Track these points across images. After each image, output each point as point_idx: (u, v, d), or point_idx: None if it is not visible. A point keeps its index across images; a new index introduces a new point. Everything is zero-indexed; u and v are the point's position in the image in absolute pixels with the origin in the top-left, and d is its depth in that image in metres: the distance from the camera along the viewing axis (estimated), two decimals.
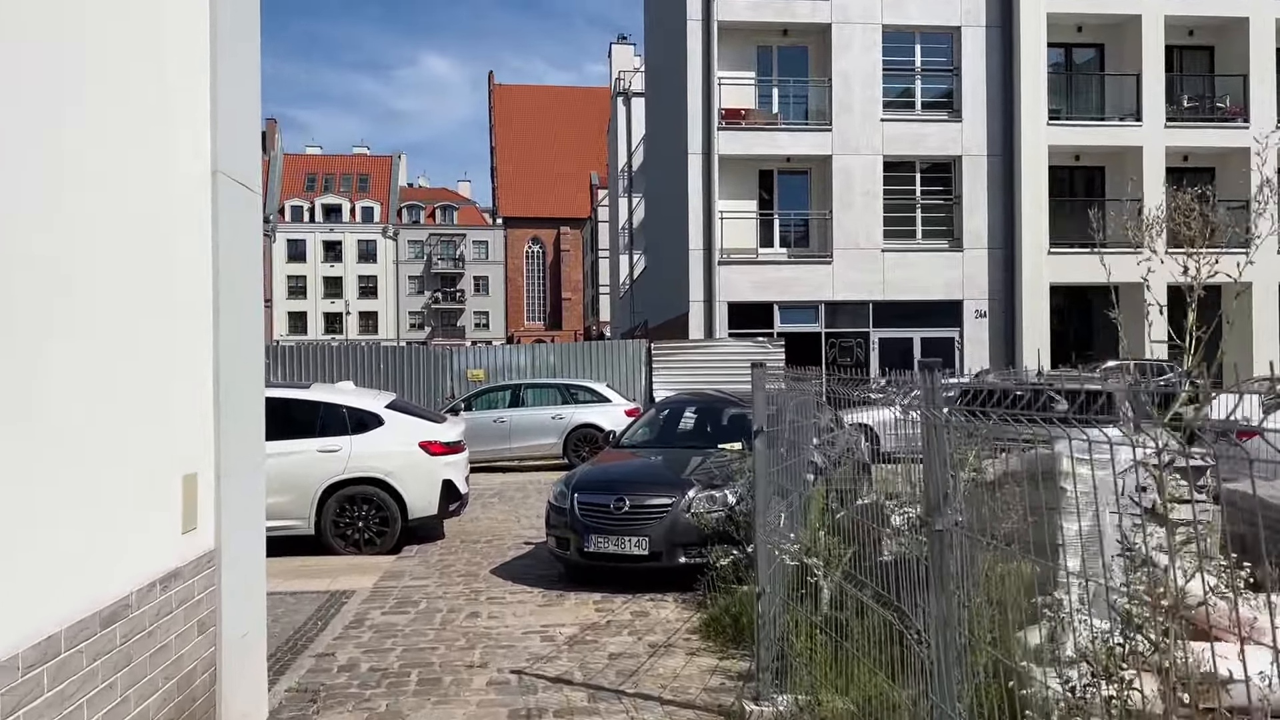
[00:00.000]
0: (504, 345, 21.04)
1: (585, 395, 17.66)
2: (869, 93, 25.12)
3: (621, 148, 53.77)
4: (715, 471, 8.01)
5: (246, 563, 5.04)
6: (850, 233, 25.09)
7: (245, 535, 5.02)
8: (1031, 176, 25.04)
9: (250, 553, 5.15)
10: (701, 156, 24.87)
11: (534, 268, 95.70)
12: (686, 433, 9.55)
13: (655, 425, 9.71)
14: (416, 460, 10.38)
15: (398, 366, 20.53)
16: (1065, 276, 25.23)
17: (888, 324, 25.32)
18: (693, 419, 9.73)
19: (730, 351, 21.53)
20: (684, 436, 9.43)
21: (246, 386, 5.08)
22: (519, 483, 15.50)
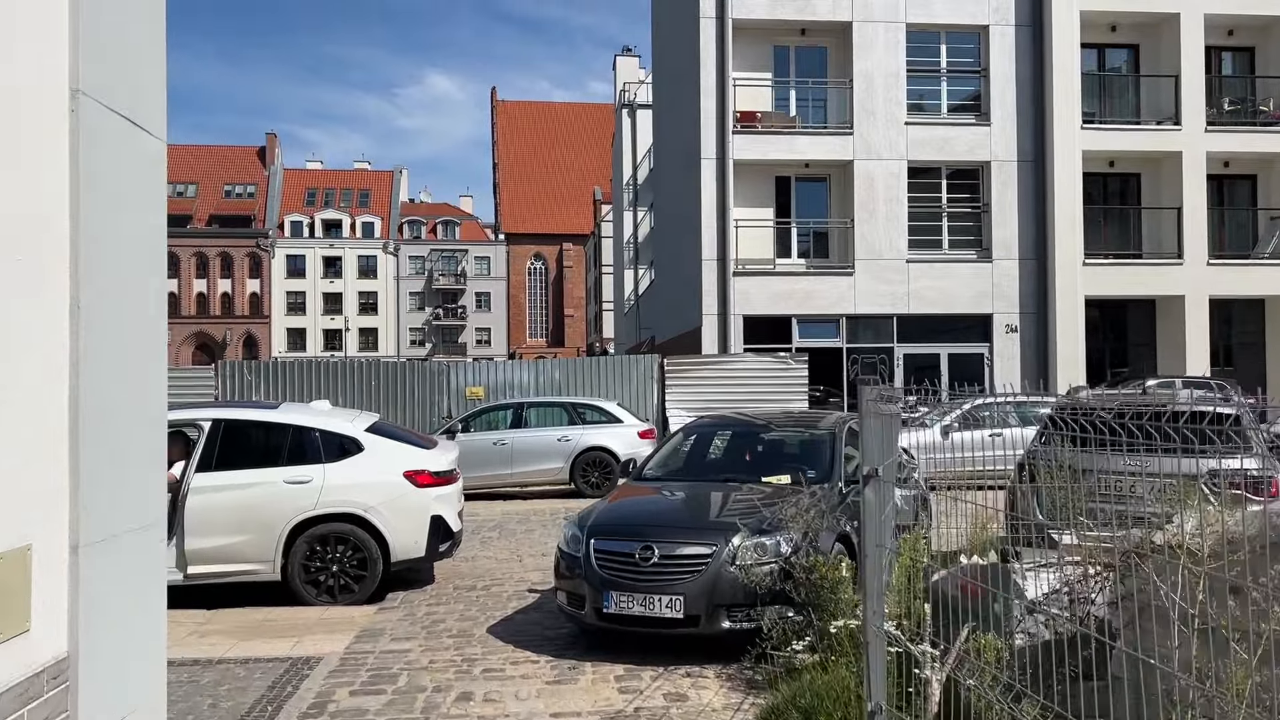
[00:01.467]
0: (505, 361, 19.53)
1: (594, 415, 16.14)
2: (892, 95, 23.73)
3: (626, 160, 52.55)
4: (763, 512, 6.50)
5: (126, 671, 3.49)
6: (873, 242, 23.64)
7: (124, 630, 3.47)
8: (1065, 183, 23.60)
9: (133, 654, 3.59)
10: (715, 161, 23.45)
11: (536, 284, 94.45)
12: (720, 463, 8.03)
13: (682, 454, 8.20)
14: (401, 493, 8.87)
15: (391, 384, 19.02)
16: (1099, 289, 23.79)
17: (913, 339, 23.84)
18: (726, 446, 8.23)
19: (749, 368, 20.03)
20: (717, 467, 7.92)
21: (129, 408, 3.53)
22: (521, 513, 13.97)
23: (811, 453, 7.76)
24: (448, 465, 9.25)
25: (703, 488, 7.36)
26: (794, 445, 8.07)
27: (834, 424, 8.06)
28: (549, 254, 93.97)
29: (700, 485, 7.43)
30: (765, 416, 9.07)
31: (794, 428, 8.47)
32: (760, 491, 7.13)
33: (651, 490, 7.51)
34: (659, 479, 7.76)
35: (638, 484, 7.73)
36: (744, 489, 7.23)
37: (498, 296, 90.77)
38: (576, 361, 20.08)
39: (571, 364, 19.85)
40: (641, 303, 43.70)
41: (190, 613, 8.30)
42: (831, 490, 7.12)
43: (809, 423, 8.57)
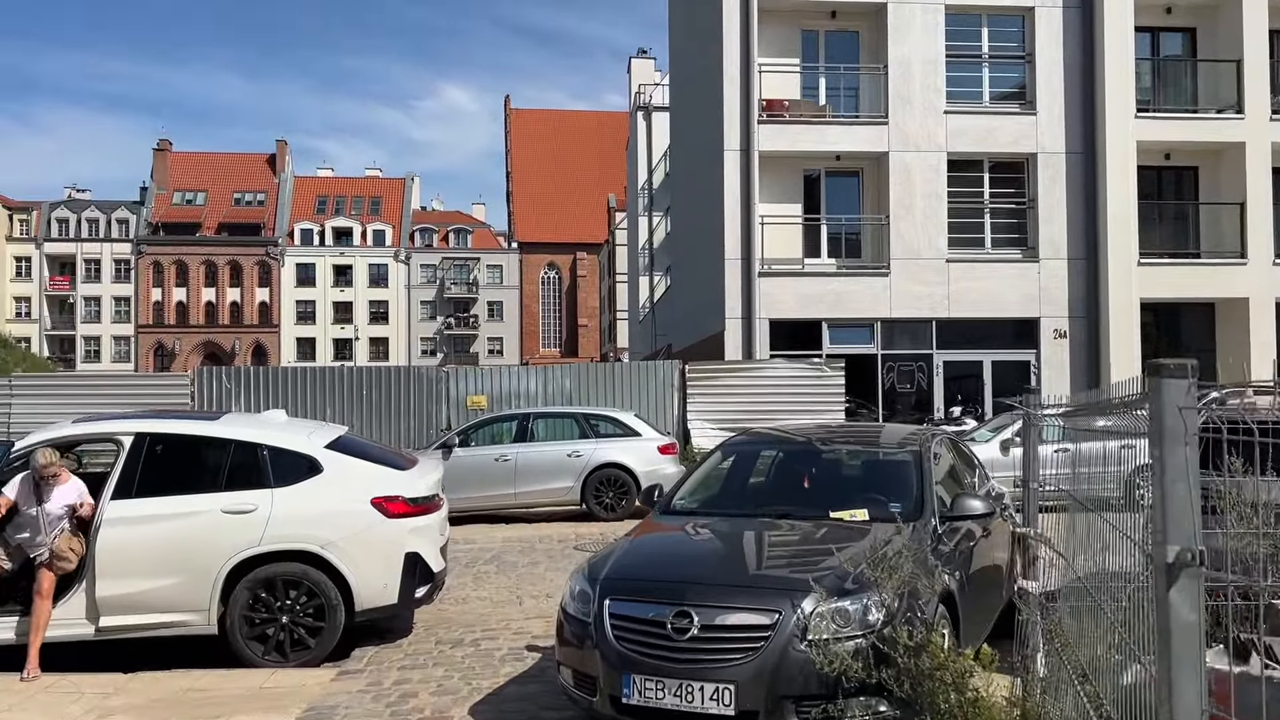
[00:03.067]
0: (511, 367, 17.80)
1: (609, 427, 14.35)
2: (930, 81, 21.95)
3: (642, 164, 51.05)
4: (841, 563, 4.72)
5: None
6: (910, 241, 21.83)
7: None
8: (1118, 176, 21.75)
9: None
10: (739, 154, 21.71)
11: (550, 294, 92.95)
12: (771, 492, 6.21)
13: (720, 480, 6.39)
14: (367, 525, 7.14)
15: (385, 393, 17.32)
16: (1155, 291, 21.91)
17: (953, 345, 22.00)
18: (777, 470, 6.41)
19: (779, 376, 18.28)
20: (768, 498, 6.09)
21: None
22: (525, 540, 12.20)
23: (890, 479, 5.98)
24: (427, 490, 7.51)
25: (753, 526, 5.54)
26: (866, 469, 6.29)
27: (916, 441, 6.28)
28: (562, 263, 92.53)
29: (749, 523, 5.60)
30: (821, 432, 7.29)
31: (862, 446, 6.67)
32: (829, 532, 5.35)
33: (685, 529, 5.69)
34: (693, 513, 5.95)
35: (666, 519, 5.91)
36: (807, 528, 5.45)
37: (510, 306, 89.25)
38: (589, 368, 18.32)
39: (583, 371, 18.12)
40: (657, 310, 42.03)
41: (100, 677, 6.61)
42: (924, 529, 5.34)
43: (879, 440, 6.80)
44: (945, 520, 5.54)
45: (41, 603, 6.58)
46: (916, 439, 6.35)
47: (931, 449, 6.13)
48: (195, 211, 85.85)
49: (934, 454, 6.11)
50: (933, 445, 6.24)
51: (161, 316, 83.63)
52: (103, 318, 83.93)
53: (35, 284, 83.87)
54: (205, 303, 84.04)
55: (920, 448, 6.09)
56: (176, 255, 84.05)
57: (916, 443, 6.23)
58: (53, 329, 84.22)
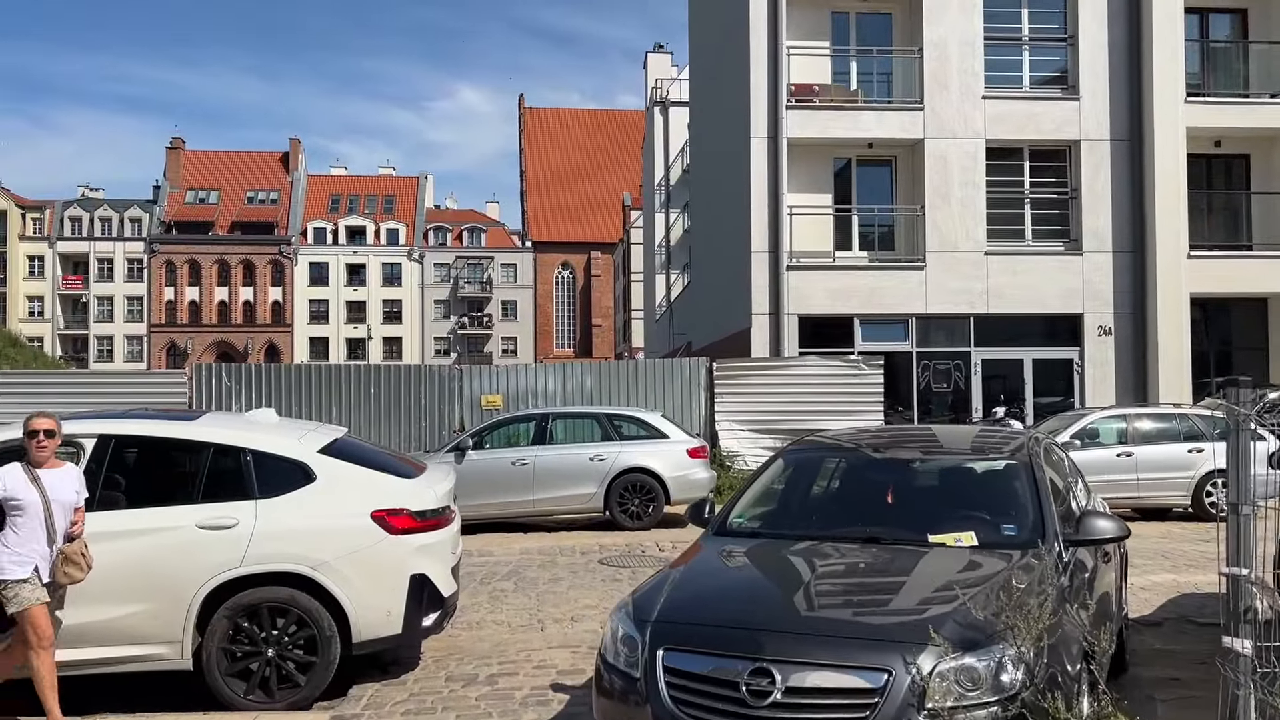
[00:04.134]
0: (527, 365, 16.82)
1: (633, 428, 13.31)
2: (968, 65, 20.84)
3: (659, 160, 50.17)
4: (964, 604, 3.68)
5: None
6: (946, 233, 20.73)
7: None
8: (1167, 164, 20.58)
9: None
10: (767, 140, 20.65)
11: (564, 293, 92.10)
12: (848, 508, 5.07)
13: (783, 493, 5.33)
14: (367, 542, 6.15)
15: (394, 392, 16.33)
16: (1205, 286, 20.74)
17: (992, 342, 20.87)
18: (852, 482, 5.34)
19: (813, 374, 17.21)
20: (845, 515, 4.97)
21: None
22: (545, 552, 11.18)
23: (997, 493, 4.94)
24: (437, 501, 6.50)
25: (835, 553, 4.46)
26: (963, 481, 5.21)
27: (1021, 445, 5.23)
28: (577, 263, 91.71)
29: (829, 549, 4.50)
30: (896, 435, 6.23)
31: (955, 453, 5.59)
32: (933, 561, 4.31)
33: (749, 555, 4.64)
34: (756, 534, 4.88)
35: (723, 542, 4.85)
36: (905, 557, 4.41)
37: (524, 305, 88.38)
38: (610, 365, 17.27)
39: (604, 368, 17.07)
40: (675, 308, 41.06)
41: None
42: (1047, 558, 4.28)
43: (973, 445, 5.72)
44: (1069, 545, 4.49)
45: (43, 655, 5.32)
46: (1021, 442, 5.30)
47: (1041, 455, 5.09)
48: (208, 210, 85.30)
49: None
50: (1041, 450, 5.20)
51: (174, 316, 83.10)
52: (115, 317, 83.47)
53: (48, 283, 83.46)
54: (218, 302, 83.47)
55: (1029, 454, 5.04)
56: (189, 254, 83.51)
57: (1023, 447, 5.18)
58: (65, 328, 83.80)
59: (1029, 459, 4.98)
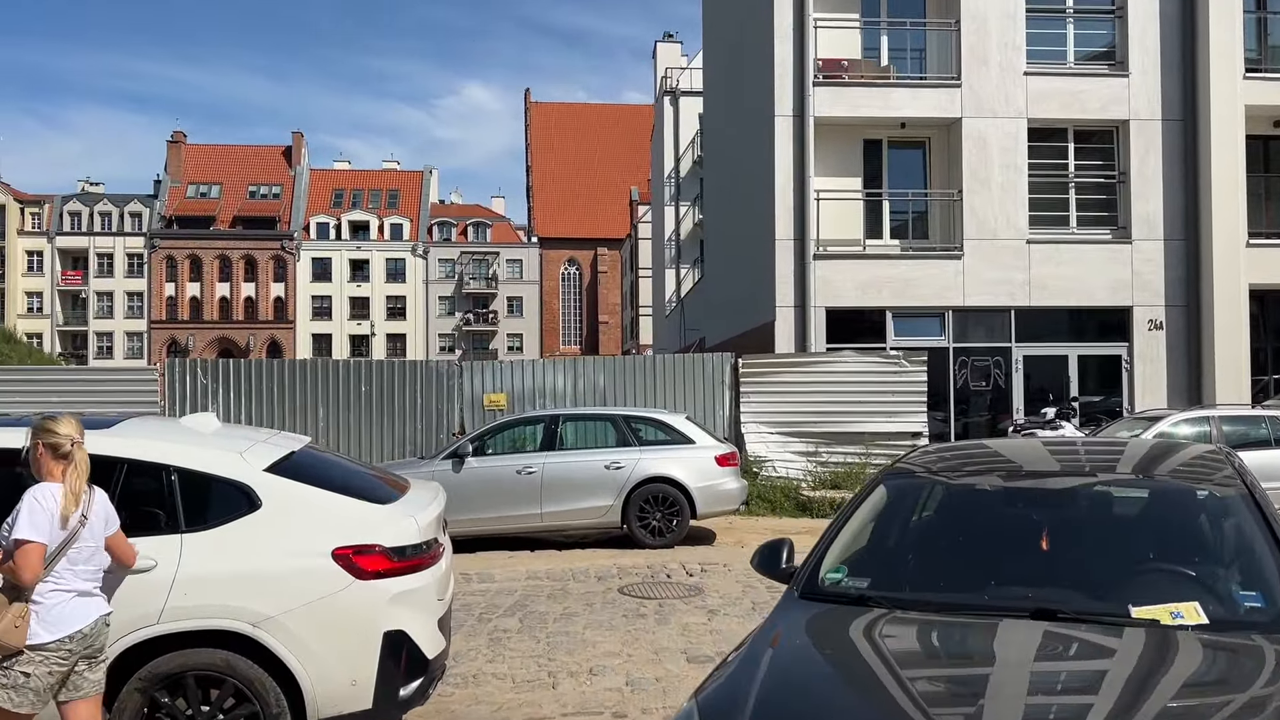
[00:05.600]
0: (534, 361, 15.35)
1: (655, 433, 11.81)
2: (1008, 39, 19.33)
3: (668, 152, 48.82)
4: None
5: None
6: (985, 219, 19.23)
7: None
8: (1224, 145, 19.05)
9: None
10: (793, 119, 19.16)
11: (570, 290, 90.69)
12: (986, 558, 3.46)
13: (891, 535, 3.78)
14: (328, 590, 4.69)
15: (386, 389, 14.86)
16: (1264, 276, 19.22)
17: (1034, 337, 19.38)
18: (981, 518, 3.78)
19: (849, 371, 15.72)
20: (987, 570, 3.39)
21: None
22: (555, 576, 9.71)
23: (1210, 539, 3.46)
24: (421, 533, 5.03)
25: (992, 639, 2.99)
26: (1149, 519, 3.69)
27: (1225, 467, 3.75)
28: (583, 259, 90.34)
29: (981, 631, 3.04)
30: (1031, 451, 4.72)
31: (1129, 477, 4.06)
32: (1148, 650, 2.82)
33: (866, 639, 3.15)
34: (864, 600, 3.38)
35: (816, 610, 3.36)
36: (1100, 642, 2.92)
37: (530, 301, 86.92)
38: (626, 361, 15.77)
39: (619, 365, 15.58)
40: (686, 303, 39.68)
41: None
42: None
43: (1149, 464, 4.20)
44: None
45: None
46: (1222, 460, 3.82)
47: (1257, 480, 3.60)
48: (210, 205, 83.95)
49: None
50: (1248, 471, 3.71)
51: (175, 312, 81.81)
52: (115, 313, 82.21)
53: (47, 279, 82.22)
54: (219, 298, 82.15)
55: (1244, 479, 3.56)
56: (190, 249, 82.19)
57: (1228, 467, 3.69)
58: (65, 324, 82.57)
59: (1249, 487, 3.50)
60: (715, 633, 7.24)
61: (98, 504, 4.27)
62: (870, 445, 15.24)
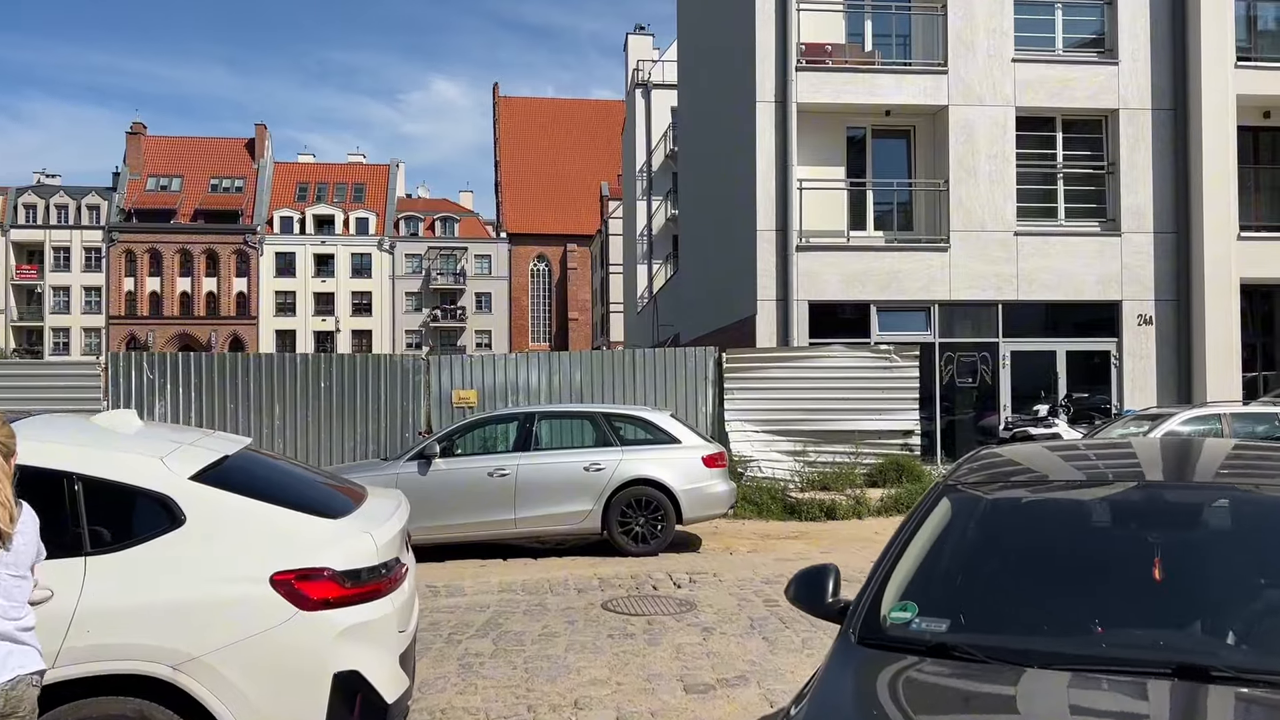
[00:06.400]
0: (507, 356, 14.53)
1: (637, 431, 11.00)
2: (996, 24, 18.75)
3: (640, 146, 48.10)
4: None
5: None
6: (972, 210, 18.64)
7: None
8: (1216, 135, 18.58)
9: None
10: (774, 105, 18.46)
11: (539, 287, 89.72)
12: (1080, 592, 2.77)
13: (964, 561, 3.01)
14: (265, 624, 3.88)
15: (347, 386, 13.96)
16: (1255, 270, 18.78)
17: (1022, 333, 18.82)
18: (1085, 544, 3.00)
19: (838, 366, 15.04)
20: (1086, 609, 2.71)
21: None
22: (531, 588, 8.90)
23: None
24: (379, 553, 4.23)
25: (1135, 705, 2.27)
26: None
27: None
28: (553, 255, 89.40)
29: (1107, 696, 2.33)
30: (1117, 452, 3.98)
31: (1249, 487, 3.31)
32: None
33: (975, 699, 2.42)
34: (942, 650, 2.63)
35: (882, 662, 2.58)
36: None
37: (499, 297, 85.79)
38: (603, 356, 14.96)
39: (597, 360, 14.78)
40: (660, 299, 38.92)
41: None
42: None
43: (1257, 468, 3.50)
44: None
45: None
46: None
47: None
48: (170, 198, 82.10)
49: None
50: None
51: (134, 307, 79.90)
52: (72, 308, 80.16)
53: (0, 273, 79.99)
54: (180, 293, 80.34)
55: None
56: (150, 243, 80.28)
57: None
58: (19, 320, 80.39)
59: None
60: (713, 655, 6.48)
61: (25, 523, 3.37)
62: (860, 444, 14.57)
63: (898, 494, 13.35)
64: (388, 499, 4.92)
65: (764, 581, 8.90)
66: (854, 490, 13.45)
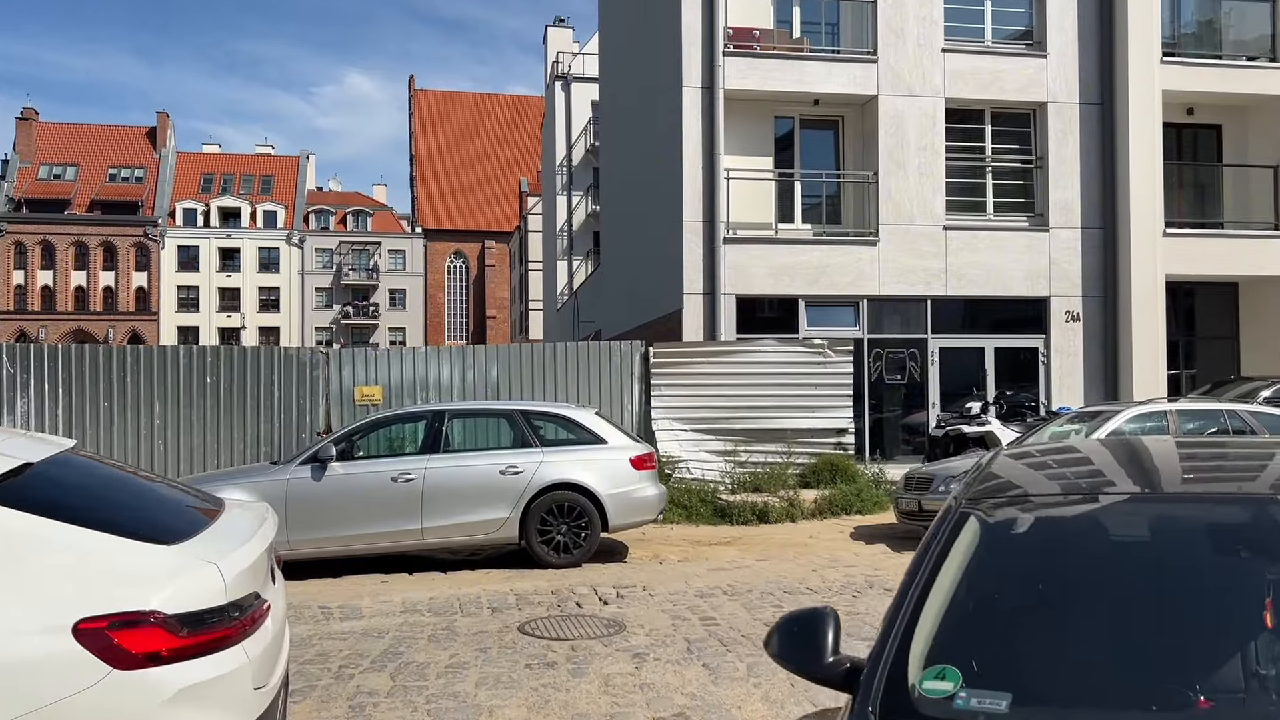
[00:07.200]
0: (416, 350, 13.45)
1: (559, 430, 10.05)
2: (926, 13, 18.31)
3: (560, 140, 47.16)
4: None
5: None
6: (901, 203, 18.18)
7: None
8: (1142, 131, 18.44)
9: None
10: (701, 91, 17.74)
11: (456, 284, 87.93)
12: (1169, 646, 2.07)
13: (1007, 603, 2.22)
14: (65, 690, 2.88)
15: (237, 382, 12.72)
16: (1180, 267, 18.70)
17: (951, 328, 18.43)
18: (1166, 579, 2.20)
19: (770, 361, 14.34)
20: (1174, 665, 2.01)
21: None
22: (440, 607, 7.93)
23: None
24: (228, 589, 3.26)
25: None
26: None
27: None
28: (470, 252, 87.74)
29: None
30: (1177, 453, 3.23)
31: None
32: None
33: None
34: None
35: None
36: None
37: (414, 294, 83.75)
38: (522, 350, 13.95)
39: (514, 354, 13.79)
40: (581, 295, 38.01)
41: None
42: None
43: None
44: None
45: None
46: None
47: None
48: (64, 187, 78.10)
49: None
50: None
51: (24, 302, 75.78)
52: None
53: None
54: (75, 287, 76.46)
55: None
56: (42, 234, 76.22)
57: None
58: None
59: None
60: (647, 688, 5.63)
61: None
62: (793, 443, 13.89)
63: (832, 495, 12.70)
64: (248, 514, 3.94)
65: (698, 595, 8.09)
66: (787, 491, 12.75)
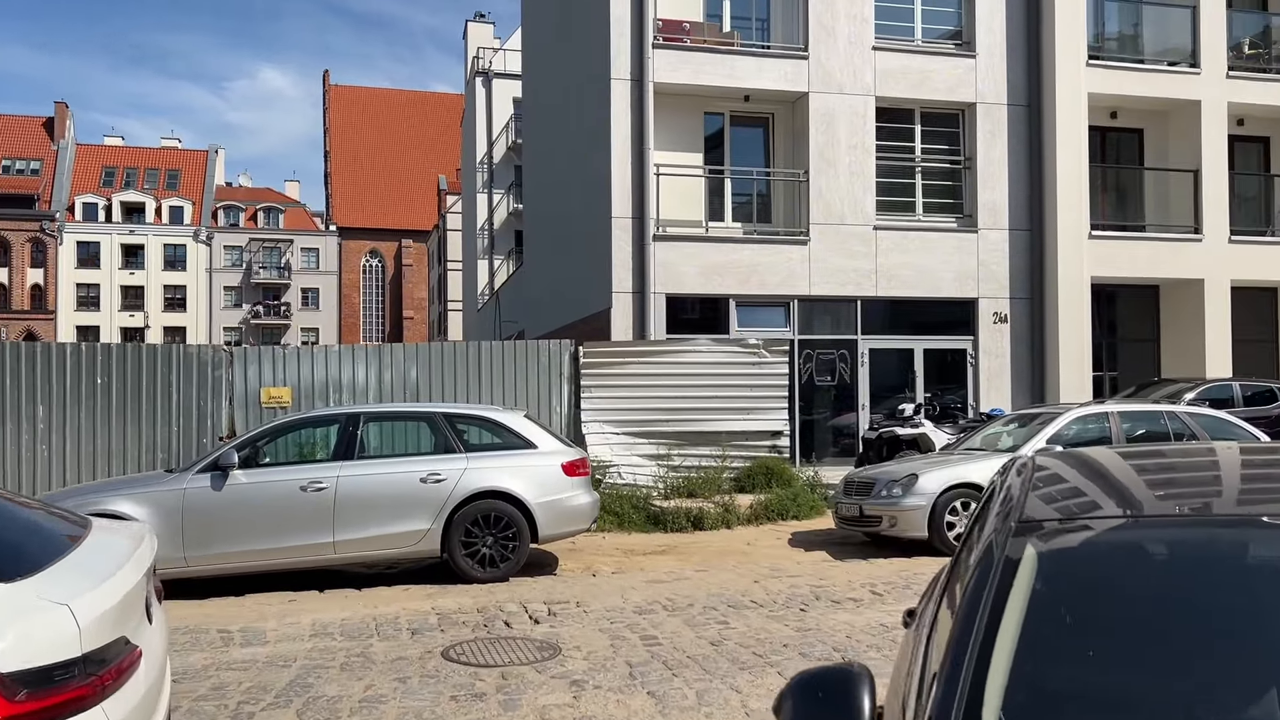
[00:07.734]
0: (328, 349, 12.62)
1: (483, 434, 9.35)
2: (857, 10, 18.11)
3: (481, 137, 46.20)
4: None
5: None
6: (831, 202, 17.92)
7: None
8: (1069, 133, 18.52)
9: None
10: (630, 84, 17.22)
11: (372, 284, 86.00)
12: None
13: (1082, 653, 1.76)
14: None
15: (130, 382, 11.72)
16: (1105, 270, 18.82)
17: (881, 329, 18.25)
18: (1241, 619, 1.87)
19: (705, 362, 13.83)
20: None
21: None
22: (353, 630, 7.21)
23: None
24: (83, 637, 2.57)
25: None
26: None
27: None
28: (387, 251, 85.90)
29: None
30: (1257, 466, 2.76)
31: None
32: None
33: None
34: None
35: None
36: None
37: (328, 293, 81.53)
38: (443, 349, 13.18)
39: (435, 353, 13.02)
40: (502, 295, 37.17)
41: None
42: None
43: None
44: None
45: None
46: None
47: None
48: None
49: None
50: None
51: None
52: None
53: None
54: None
55: None
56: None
57: None
58: None
59: None
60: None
61: None
62: (727, 446, 13.44)
63: (768, 500, 12.26)
64: (118, 538, 3.24)
65: (637, 611, 7.52)
66: (722, 496, 12.27)
